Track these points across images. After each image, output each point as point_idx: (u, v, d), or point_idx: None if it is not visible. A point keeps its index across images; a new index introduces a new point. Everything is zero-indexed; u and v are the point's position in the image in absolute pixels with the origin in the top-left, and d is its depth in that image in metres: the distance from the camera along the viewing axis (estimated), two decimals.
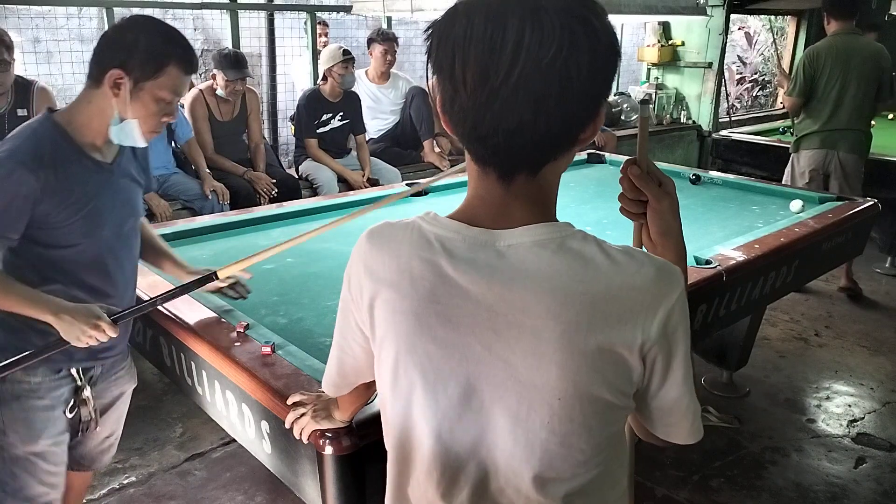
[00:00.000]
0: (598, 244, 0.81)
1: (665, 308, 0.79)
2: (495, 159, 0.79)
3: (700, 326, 2.16)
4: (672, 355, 0.82)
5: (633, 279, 0.78)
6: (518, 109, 0.73)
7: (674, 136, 6.65)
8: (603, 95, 0.79)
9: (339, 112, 4.28)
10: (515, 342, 0.80)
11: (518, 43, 0.71)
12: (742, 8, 6.70)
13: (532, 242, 0.80)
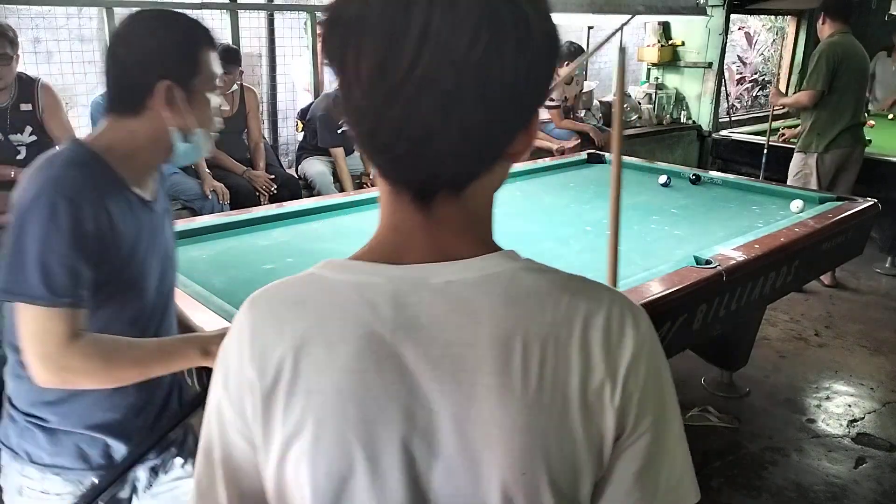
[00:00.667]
0: (544, 275, 0.67)
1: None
2: (403, 174, 0.63)
3: (700, 326, 2.16)
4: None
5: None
6: (424, 112, 0.58)
7: (674, 136, 6.65)
8: (537, 101, 0.65)
9: None
10: (477, 400, 0.63)
11: (424, 29, 0.56)
12: (742, 8, 6.70)
13: (478, 278, 0.64)
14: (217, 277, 2.09)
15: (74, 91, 4.13)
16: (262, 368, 0.65)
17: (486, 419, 0.62)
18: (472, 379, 0.62)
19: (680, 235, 2.62)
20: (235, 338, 0.68)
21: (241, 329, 0.68)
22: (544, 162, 3.97)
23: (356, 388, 0.63)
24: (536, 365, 0.62)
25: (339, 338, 0.63)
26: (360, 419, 0.62)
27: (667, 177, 3.43)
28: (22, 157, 3.27)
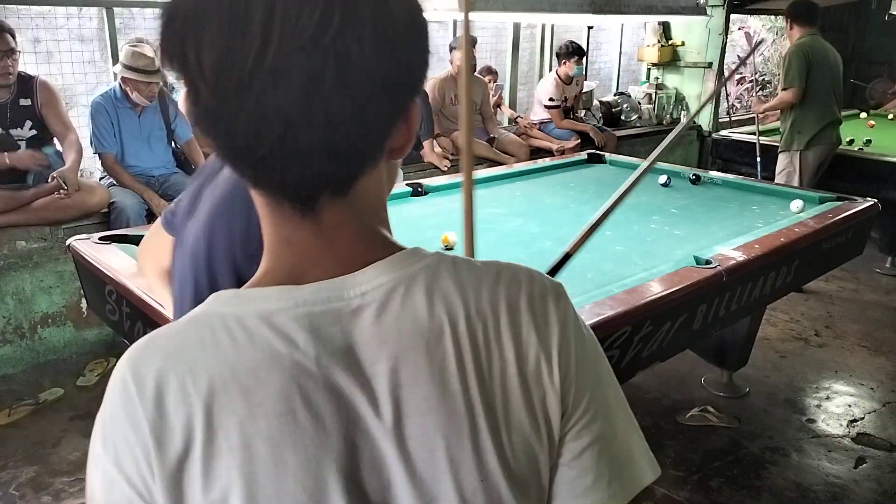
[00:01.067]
0: (459, 265, 0.63)
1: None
2: (274, 179, 0.56)
3: (700, 326, 2.16)
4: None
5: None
6: (282, 104, 0.52)
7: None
8: (410, 87, 0.58)
9: None
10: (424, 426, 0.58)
11: (269, 13, 0.51)
12: (742, 8, 6.70)
13: (394, 283, 0.59)
14: None
15: (74, 91, 4.13)
16: (164, 437, 0.55)
17: (432, 433, 0.58)
18: (408, 393, 0.58)
19: (680, 235, 2.62)
20: (121, 403, 0.57)
21: (127, 392, 0.56)
22: (544, 162, 3.97)
23: (289, 431, 0.55)
24: (471, 362, 0.59)
25: (255, 381, 0.56)
26: (300, 465, 0.55)
27: (667, 177, 3.43)
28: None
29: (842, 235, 2.80)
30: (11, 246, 3.23)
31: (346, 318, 0.58)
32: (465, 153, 1.28)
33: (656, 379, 3.31)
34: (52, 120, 3.34)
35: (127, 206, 3.41)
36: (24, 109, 3.28)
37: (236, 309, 0.58)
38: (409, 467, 0.58)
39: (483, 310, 0.61)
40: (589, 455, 0.63)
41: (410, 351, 0.58)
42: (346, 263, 0.59)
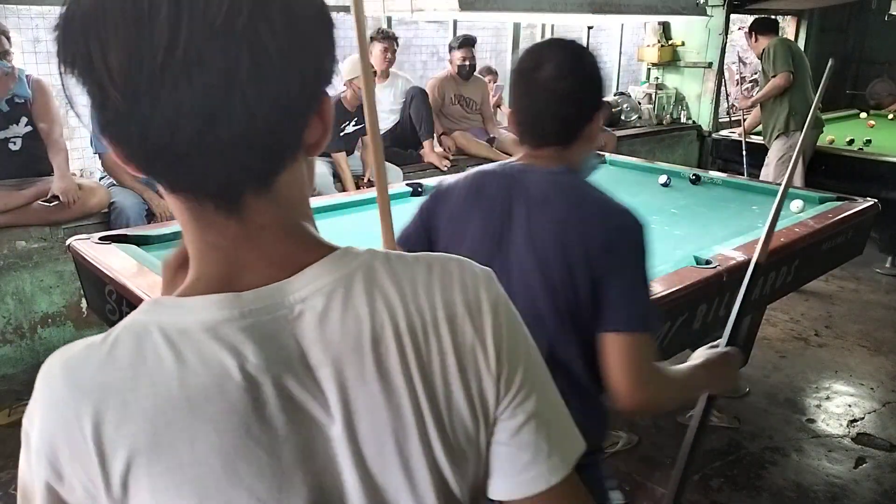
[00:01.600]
0: (393, 261, 0.64)
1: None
2: (194, 179, 0.55)
3: (700, 326, 2.16)
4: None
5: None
6: (197, 96, 0.50)
7: (674, 136, 6.65)
8: (322, 79, 0.57)
9: (355, 118, 4.31)
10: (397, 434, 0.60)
11: (175, 3, 0.48)
12: (742, 8, 6.70)
13: (332, 285, 0.59)
14: None
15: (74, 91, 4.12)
16: (106, 454, 0.54)
17: (381, 429, 0.59)
18: (355, 392, 0.59)
19: (680, 235, 2.62)
20: (57, 420, 0.55)
21: (60, 409, 0.55)
22: None
23: (242, 444, 0.55)
24: (413, 357, 0.60)
25: (205, 399, 0.54)
26: (255, 475, 0.55)
27: (667, 177, 3.43)
28: (17, 147, 3.32)
29: (842, 235, 2.80)
30: (11, 246, 3.23)
31: (291, 326, 0.57)
32: (375, 149, 1.32)
33: None
34: (43, 118, 3.35)
35: (127, 206, 3.41)
36: (19, 106, 3.29)
37: (179, 319, 0.56)
38: (360, 463, 0.59)
39: (420, 304, 0.61)
40: (526, 431, 0.64)
41: (355, 352, 0.58)
42: (280, 266, 0.59)
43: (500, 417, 0.64)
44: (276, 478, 0.56)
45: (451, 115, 5.11)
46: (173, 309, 0.57)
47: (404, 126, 4.83)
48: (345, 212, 2.81)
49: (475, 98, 5.17)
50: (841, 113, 6.77)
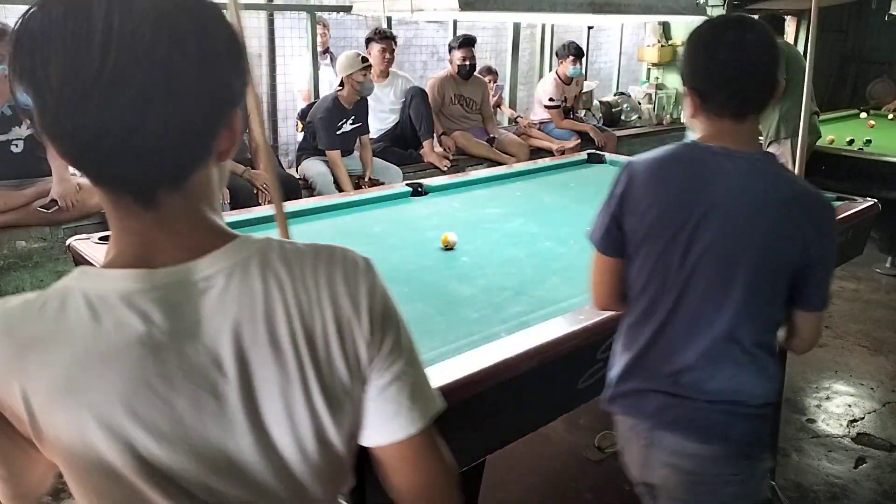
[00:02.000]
0: (286, 249, 0.76)
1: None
2: (115, 175, 0.67)
3: None
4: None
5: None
6: (121, 110, 0.62)
7: (674, 136, 6.65)
8: (230, 99, 0.70)
9: (352, 116, 4.31)
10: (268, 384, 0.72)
11: (107, 33, 0.61)
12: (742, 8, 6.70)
13: (233, 266, 0.71)
14: None
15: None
16: (28, 390, 0.68)
17: (270, 385, 0.72)
18: (249, 354, 0.71)
19: None
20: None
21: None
22: (544, 162, 3.97)
23: (143, 393, 0.68)
24: (300, 326, 0.72)
25: (115, 353, 0.67)
26: (153, 419, 0.68)
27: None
28: (19, 150, 3.31)
29: (842, 235, 2.80)
30: (11, 246, 3.23)
31: (195, 298, 0.70)
32: (263, 151, 1.44)
33: None
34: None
35: None
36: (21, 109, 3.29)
37: (100, 287, 0.69)
38: (251, 415, 0.72)
39: (307, 282, 0.74)
40: (393, 389, 0.79)
41: (249, 321, 0.71)
42: (188, 250, 0.71)
43: (371, 376, 0.78)
44: (171, 424, 0.69)
45: (451, 115, 5.12)
46: (96, 278, 0.70)
47: (404, 126, 4.83)
48: (345, 212, 2.81)
49: (475, 98, 5.17)
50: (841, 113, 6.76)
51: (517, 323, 1.74)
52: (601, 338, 1.76)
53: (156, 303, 0.69)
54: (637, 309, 1.44)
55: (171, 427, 0.69)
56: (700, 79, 1.36)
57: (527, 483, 2.61)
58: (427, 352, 1.60)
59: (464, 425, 1.51)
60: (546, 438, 2.81)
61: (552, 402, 1.75)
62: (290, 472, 0.75)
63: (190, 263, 0.71)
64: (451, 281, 2.11)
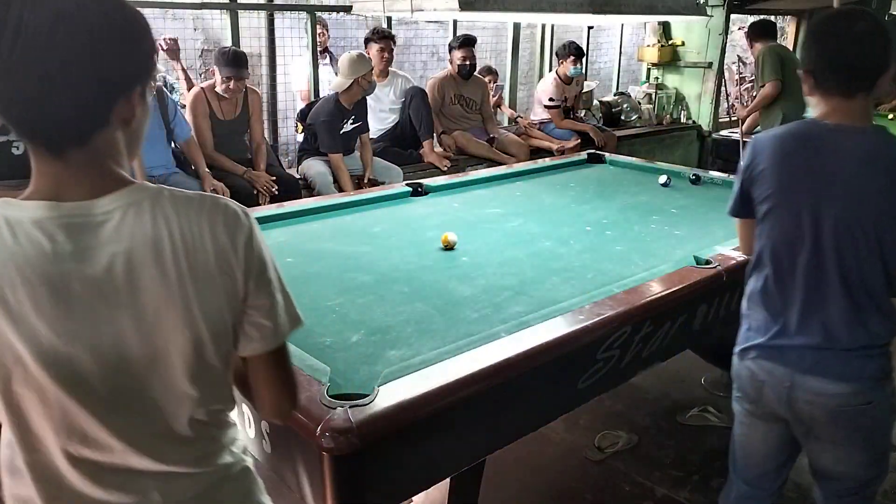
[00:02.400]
0: (176, 195, 0.94)
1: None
2: (29, 134, 0.88)
3: (700, 326, 2.16)
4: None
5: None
6: (29, 87, 0.83)
7: (674, 136, 6.65)
8: (122, 79, 0.89)
9: (352, 116, 4.30)
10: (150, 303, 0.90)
11: (18, 24, 0.80)
12: (742, 8, 6.70)
13: (128, 205, 0.89)
14: None
15: None
16: None
17: (156, 301, 0.89)
18: (138, 274, 0.88)
19: (680, 235, 2.62)
20: None
21: None
22: (544, 162, 3.97)
23: (48, 298, 0.85)
24: (183, 257, 0.90)
25: (28, 265, 0.84)
26: (55, 319, 0.85)
27: (667, 177, 3.43)
28: (20, 151, 3.31)
29: None
30: None
31: (95, 227, 0.87)
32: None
33: (656, 379, 3.31)
34: None
35: None
36: None
37: (18, 214, 0.87)
38: (139, 324, 0.89)
39: (192, 223, 0.92)
40: (260, 313, 0.98)
41: (140, 247, 0.88)
42: (92, 192, 0.89)
43: (243, 302, 0.97)
44: (70, 322, 0.86)
45: (451, 115, 5.11)
46: (15, 206, 0.88)
47: (404, 126, 4.83)
48: (345, 212, 2.81)
49: (475, 98, 5.17)
50: None
51: (517, 323, 1.74)
52: (601, 338, 1.76)
53: (61, 228, 0.86)
54: (767, 269, 1.66)
55: (71, 325, 0.86)
56: (812, 63, 1.57)
57: (527, 483, 2.60)
58: (427, 352, 1.60)
59: (464, 425, 1.51)
60: (546, 438, 2.81)
61: (552, 402, 1.76)
62: (169, 372, 0.92)
63: (93, 200, 0.88)
64: (451, 281, 2.11)
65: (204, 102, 3.90)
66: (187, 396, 0.95)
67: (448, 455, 1.51)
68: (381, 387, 1.40)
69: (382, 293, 2.01)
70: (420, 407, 1.38)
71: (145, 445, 0.94)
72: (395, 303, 1.94)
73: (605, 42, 7.22)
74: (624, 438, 2.85)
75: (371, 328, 1.77)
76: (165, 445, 0.96)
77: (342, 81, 4.17)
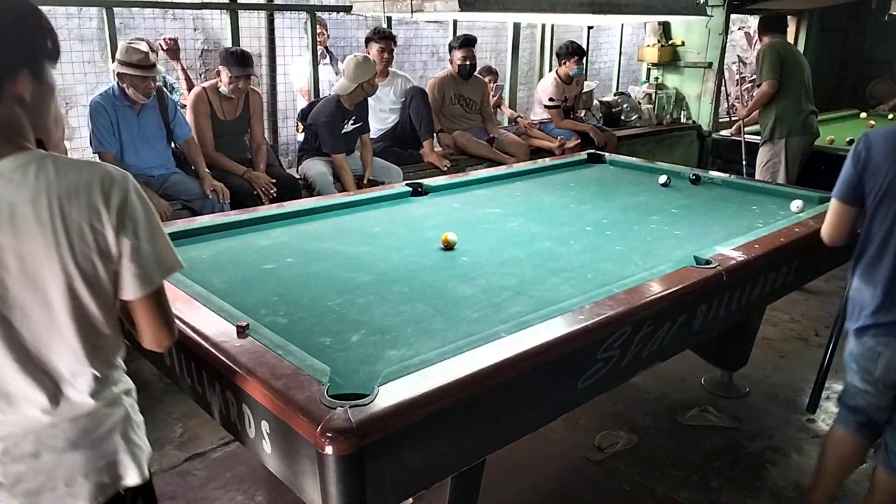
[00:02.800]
0: (61, 160, 1.12)
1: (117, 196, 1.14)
2: None
3: (700, 326, 2.16)
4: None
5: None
6: None
7: (674, 136, 6.65)
8: (12, 62, 1.09)
9: (353, 116, 4.30)
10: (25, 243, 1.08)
11: None
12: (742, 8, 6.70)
13: (17, 167, 1.08)
14: (217, 277, 2.09)
15: (74, 91, 4.12)
16: None
17: (34, 246, 1.08)
18: (20, 222, 1.07)
19: (680, 235, 2.62)
20: None
21: None
22: (544, 162, 3.97)
23: None
24: (58, 212, 1.08)
25: None
26: None
27: (667, 177, 3.43)
28: None
29: None
30: None
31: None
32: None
33: (656, 379, 3.31)
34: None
35: None
36: None
37: None
38: (20, 265, 1.08)
39: (71, 182, 1.10)
40: (132, 263, 1.15)
41: (23, 201, 1.07)
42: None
43: (117, 254, 1.14)
44: None
45: (451, 115, 5.11)
46: None
47: (404, 126, 4.83)
48: (345, 212, 2.81)
49: (475, 98, 5.17)
50: (841, 113, 6.76)
51: (517, 323, 1.74)
52: (601, 338, 1.76)
53: None
54: (875, 253, 1.99)
55: None
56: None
57: (527, 483, 2.61)
58: (427, 352, 1.60)
59: (464, 425, 1.51)
60: (546, 438, 2.81)
61: (552, 402, 1.75)
62: (49, 312, 1.11)
63: None
64: (451, 281, 2.11)
65: (205, 102, 3.90)
66: (66, 335, 1.13)
67: (448, 455, 1.51)
68: (381, 387, 1.40)
69: (382, 293, 2.00)
70: (420, 407, 1.38)
71: (29, 373, 1.13)
72: (395, 303, 1.94)
73: (605, 42, 7.22)
74: (624, 438, 2.85)
75: (371, 328, 1.77)
76: (45, 378, 1.14)
77: (346, 84, 4.16)
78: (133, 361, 1.80)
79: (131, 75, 3.45)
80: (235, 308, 1.80)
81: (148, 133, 3.67)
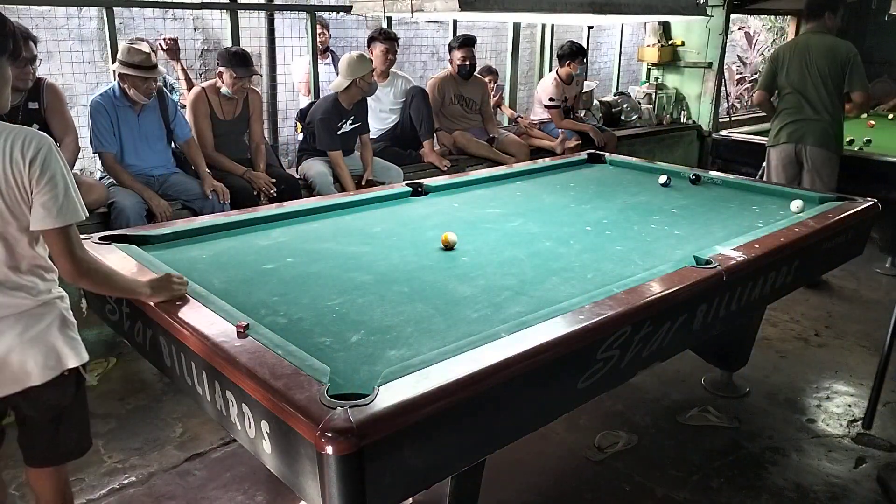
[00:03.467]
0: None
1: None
2: None
3: (700, 326, 2.16)
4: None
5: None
6: None
7: (674, 136, 6.65)
8: None
9: (352, 116, 4.30)
10: None
11: None
12: (742, 8, 6.70)
13: None
14: (217, 277, 2.09)
15: (74, 91, 4.12)
16: None
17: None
18: None
19: (680, 235, 2.62)
20: None
21: None
22: (544, 162, 3.97)
23: None
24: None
25: None
26: None
27: (667, 177, 3.43)
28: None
29: (842, 235, 2.80)
30: None
31: None
32: None
33: (656, 379, 3.31)
34: (55, 123, 3.34)
35: (127, 206, 3.40)
36: (32, 112, 3.28)
37: None
38: None
39: (5, 147, 1.52)
40: (44, 204, 1.56)
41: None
42: None
43: (35, 197, 1.56)
44: None
45: (451, 115, 5.11)
46: None
47: (404, 126, 4.83)
48: (345, 212, 2.81)
49: (475, 98, 5.17)
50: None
51: (517, 323, 1.74)
52: (601, 338, 1.76)
53: None
54: None
55: None
56: None
57: (527, 483, 2.61)
58: (427, 352, 1.60)
59: (464, 425, 1.51)
60: (546, 438, 2.81)
61: (552, 402, 1.75)
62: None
63: None
64: (451, 281, 2.11)
65: (205, 102, 3.91)
66: (8, 256, 1.60)
67: (448, 455, 1.51)
68: (381, 387, 1.40)
69: (382, 293, 2.01)
70: (420, 407, 1.38)
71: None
72: (395, 303, 1.94)
73: (605, 42, 7.22)
74: (624, 438, 2.85)
75: (371, 328, 1.77)
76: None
77: (341, 81, 4.18)
78: (133, 361, 1.81)
79: (133, 76, 3.45)
80: (236, 308, 1.80)
81: (148, 133, 3.67)
